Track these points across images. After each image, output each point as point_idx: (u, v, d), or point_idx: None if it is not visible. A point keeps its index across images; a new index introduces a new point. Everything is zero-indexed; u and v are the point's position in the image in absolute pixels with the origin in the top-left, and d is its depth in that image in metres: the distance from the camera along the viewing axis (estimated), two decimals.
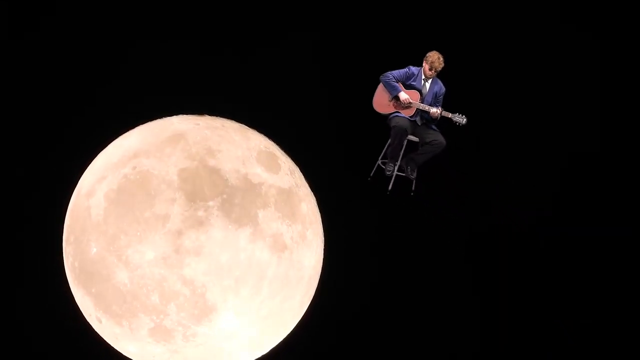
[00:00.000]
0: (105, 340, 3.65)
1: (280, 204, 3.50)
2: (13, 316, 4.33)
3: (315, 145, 4.78)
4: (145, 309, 3.25)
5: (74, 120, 4.57)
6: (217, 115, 3.86)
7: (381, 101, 4.63)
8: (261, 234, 3.34)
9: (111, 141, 3.71)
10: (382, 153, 4.72)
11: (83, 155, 3.77)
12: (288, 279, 3.46)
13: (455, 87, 4.74)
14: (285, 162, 3.91)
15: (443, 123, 4.53)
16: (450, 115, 4.48)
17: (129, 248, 3.20)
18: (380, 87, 4.60)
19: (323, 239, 3.95)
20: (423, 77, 4.55)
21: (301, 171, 4.01)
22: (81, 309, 3.61)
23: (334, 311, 4.53)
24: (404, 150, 4.68)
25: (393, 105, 4.59)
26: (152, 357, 3.54)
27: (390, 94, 4.52)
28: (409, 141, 4.63)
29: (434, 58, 4.46)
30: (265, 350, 3.76)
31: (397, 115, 4.54)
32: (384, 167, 4.63)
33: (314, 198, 4.07)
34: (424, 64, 4.49)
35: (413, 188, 4.70)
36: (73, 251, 3.48)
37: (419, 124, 4.60)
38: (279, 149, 4.03)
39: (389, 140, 4.59)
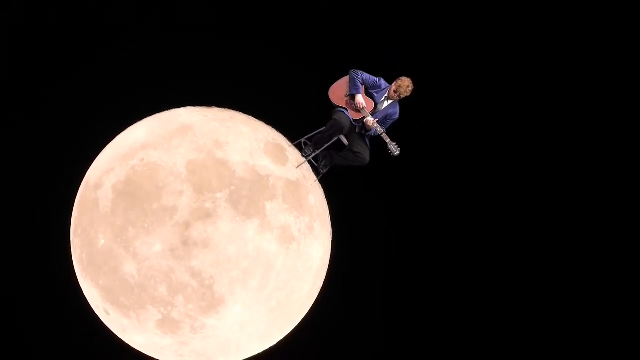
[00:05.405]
0: (112, 332, 3.67)
1: (288, 196, 3.51)
2: (21, 308, 4.35)
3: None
4: (153, 300, 3.25)
5: (81, 112, 4.57)
6: (225, 107, 3.87)
7: (338, 92, 4.59)
8: (269, 226, 3.34)
9: (119, 133, 3.71)
10: (310, 135, 4.63)
11: (90, 147, 3.76)
12: (296, 271, 3.45)
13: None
14: (293, 154, 3.92)
15: (378, 145, 4.44)
16: (388, 140, 4.39)
17: (137, 240, 3.20)
18: (345, 79, 4.58)
19: (331, 230, 3.96)
20: (386, 94, 4.52)
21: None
22: (89, 300, 3.62)
23: (343, 303, 4.54)
24: (329, 145, 4.63)
25: (345, 101, 4.55)
26: (159, 349, 3.55)
27: (349, 90, 4.50)
28: (339, 140, 4.61)
29: (404, 84, 4.40)
30: (273, 342, 3.76)
31: (343, 112, 4.50)
32: (304, 147, 4.58)
33: (322, 190, 4.07)
34: (392, 84, 4.46)
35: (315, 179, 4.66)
36: (81, 243, 3.48)
37: (357, 131, 4.57)
38: (287, 140, 4.04)
39: (324, 127, 4.53)
